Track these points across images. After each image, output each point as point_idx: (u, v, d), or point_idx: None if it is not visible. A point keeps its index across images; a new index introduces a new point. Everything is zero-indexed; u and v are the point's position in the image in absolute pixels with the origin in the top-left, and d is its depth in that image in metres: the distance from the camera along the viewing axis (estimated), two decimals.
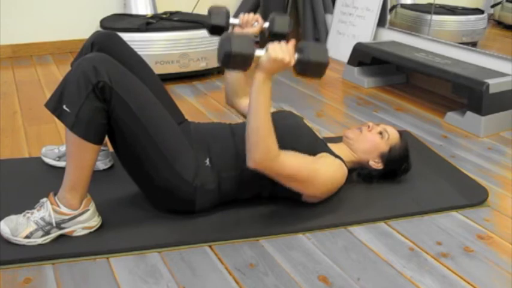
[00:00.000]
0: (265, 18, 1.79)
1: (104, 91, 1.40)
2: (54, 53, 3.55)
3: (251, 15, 1.76)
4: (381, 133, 1.82)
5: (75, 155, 1.45)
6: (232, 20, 1.76)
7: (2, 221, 1.47)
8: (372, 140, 1.80)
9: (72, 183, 1.47)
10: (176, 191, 1.55)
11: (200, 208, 1.61)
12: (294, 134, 1.69)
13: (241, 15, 1.77)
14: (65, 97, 1.41)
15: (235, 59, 1.35)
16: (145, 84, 1.56)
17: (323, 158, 1.65)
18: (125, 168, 1.59)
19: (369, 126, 1.83)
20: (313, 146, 1.70)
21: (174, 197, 1.57)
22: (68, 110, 1.40)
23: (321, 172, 1.60)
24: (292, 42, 1.46)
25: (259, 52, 1.41)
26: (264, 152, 1.47)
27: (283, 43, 1.43)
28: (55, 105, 1.42)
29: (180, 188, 1.55)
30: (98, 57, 1.44)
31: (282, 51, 1.41)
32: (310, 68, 1.44)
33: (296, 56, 1.45)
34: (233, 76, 1.88)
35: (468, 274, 1.47)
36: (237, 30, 1.79)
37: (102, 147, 1.88)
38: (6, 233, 1.45)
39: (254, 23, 1.76)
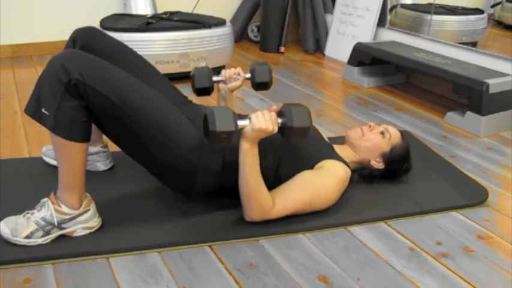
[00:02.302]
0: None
1: (78, 88, 1.37)
2: (54, 53, 3.50)
3: (232, 69, 1.84)
4: (382, 133, 1.82)
5: (63, 156, 1.44)
6: (215, 78, 1.85)
7: (2, 222, 1.47)
8: (373, 139, 1.80)
9: (67, 184, 1.46)
10: (178, 167, 1.54)
11: (200, 187, 1.60)
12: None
13: (223, 72, 1.86)
14: (42, 100, 1.38)
15: (220, 136, 1.40)
16: (130, 70, 1.55)
17: (324, 170, 1.65)
18: (126, 153, 1.58)
19: (370, 126, 1.84)
20: (319, 149, 1.71)
21: (176, 173, 1.56)
22: (46, 112, 1.37)
23: (321, 192, 1.62)
24: (274, 109, 1.50)
25: (242, 122, 1.45)
26: (258, 209, 1.54)
27: (265, 112, 1.46)
28: (34, 110, 1.40)
29: (182, 164, 1.53)
30: (65, 55, 1.41)
31: (265, 121, 1.44)
32: (294, 133, 1.48)
33: (279, 120, 1.48)
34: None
35: (468, 274, 1.47)
36: (221, 86, 1.87)
37: (103, 149, 1.89)
38: (6, 233, 1.45)
39: (236, 77, 1.84)
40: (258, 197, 1.52)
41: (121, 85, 1.46)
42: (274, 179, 1.63)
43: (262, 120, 1.44)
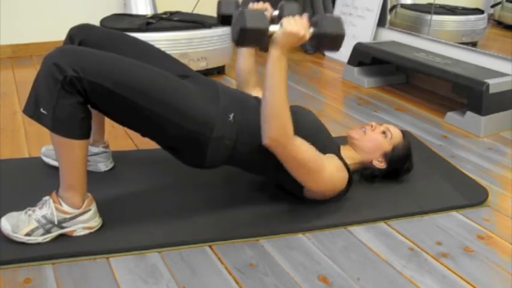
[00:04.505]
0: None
1: (74, 84, 1.35)
2: None
3: (260, 3, 1.76)
4: (384, 132, 1.82)
5: (64, 154, 1.44)
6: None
7: (3, 218, 1.47)
8: (375, 139, 1.80)
9: (68, 183, 1.46)
10: (189, 141, 1.52)
11: (210, 162, 1.58)
12: (314, 129, 1.71)
13: (250, 4, 1.77)
14: (39, 100, 1.38)
15: (250, 34, 1.33)
16: (132, 53, 1.55)
17: (330, 158, 1.66)
18: (137, 132, 1.56)
19: (371, 126, 1.84)
20: (327, 145, 1.71)
21: (186, 147, 1.54)
22: (45, 112, 1.37)
23: (326, 170, 1.61)
24: (306, 16, 1.45)
25: (273, 27, 1.40)
26: (281, 129, 1.48)
27: (297, 16, 1.42)
28: (33, 110, 1.40)
29: (193, 137, 1.51)
30: (57, 52, 1.39)
31: (297, 25, 1.41)
32: (327, 40, 1.43)
33: (311, 30, 1.43)
34: (244, 65, 1.90)
35: (468, 274, 1.47)
36: None
37: (104, 149, 1.88)
38: (7, 229, 1.44)
39: (264, 12, 1.76)
40: (283, 116, 1.47)
41: (118, 70, 1.43)
42: (280, 166, 1.63)
43: (294, 24, 1.41)
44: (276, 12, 1.76)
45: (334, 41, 1.44)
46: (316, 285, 1.40)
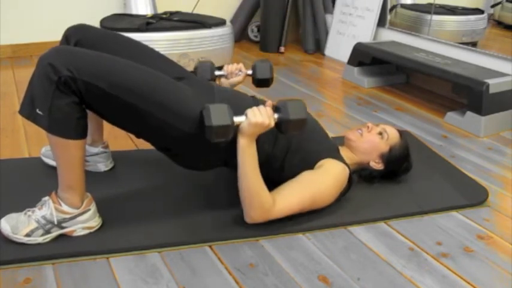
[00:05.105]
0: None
1: (69, 84, 1.35)
2: None
3: (234, 65, 1.87)
4: (380, 133, 1.82)
5: (61, 155, 1.44)
6: (217, 72, 1.88)
7: (3, 219, 1.47)
8: (371, 140, 1.80)
9: (67, 183, 1.46)
10: (183, 142, 1.53)
11: (206, 163, 1.60)
12: (307, 129, 1.69)
13: (225, 67, 1.88)
14: (35, 100, 1.38)
15: (217, 131, 1.41)
16: (127, 55, 1.55)
17: (323, 169, 1.64)
18: (131, 133, 1.57)
19: (368, 127, 1.84)
20: (323, 148, 1.71)
21: (181, 148, 1.55)
22: (41, 113, 1.37)
23: (321, 190, 1.62)
24: (270, 103, 1.50)
25: (239, 119, 1.47)
26: (259, 208, 1.53)
27: (261, 107, 1.48)
28: (29, 111, 1.39)
29: (188, 139, 1.51)
30: (52, 53, 1.39)
31: (261, 115, 1.46)
32: (291, 125, 1.50)
33: (275, 116, 1.50)
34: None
35: (468, 274, 1.48)
36: (223, 80, 1.89)
37: (104, 149, 1.88)
38: (7, 230, 1.45)
39: (238, 72, 1.88)
40: (258, 195, 1.52)
41: (113, 71, 1.43)
42: (278, 169, 1.64)
43: (259, 114, 1.45)
44: (249, 72, 1.87)
45: (298, 125, 1.51)
46: (316, 285, 1.40)
